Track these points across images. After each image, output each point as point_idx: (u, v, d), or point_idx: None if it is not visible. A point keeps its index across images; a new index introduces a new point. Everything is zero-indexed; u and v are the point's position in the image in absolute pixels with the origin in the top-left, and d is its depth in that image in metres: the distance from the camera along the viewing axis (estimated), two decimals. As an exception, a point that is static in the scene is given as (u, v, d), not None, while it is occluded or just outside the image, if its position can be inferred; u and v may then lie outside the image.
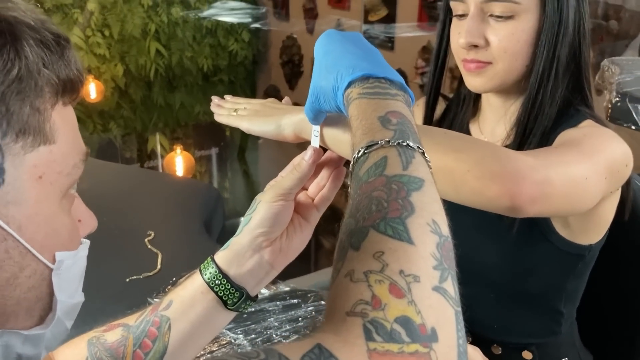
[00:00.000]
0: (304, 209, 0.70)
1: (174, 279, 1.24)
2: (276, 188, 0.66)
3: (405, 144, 0.47)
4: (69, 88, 0.49)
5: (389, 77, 0.54)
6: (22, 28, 0.45)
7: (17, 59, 0.44)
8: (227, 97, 0.87)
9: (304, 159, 0.66)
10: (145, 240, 1.44)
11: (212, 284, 0.65)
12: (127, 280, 1.31)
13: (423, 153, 0.48)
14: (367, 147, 0.48)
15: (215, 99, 0.86)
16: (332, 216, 0.75)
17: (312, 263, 3.14)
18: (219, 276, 0.65)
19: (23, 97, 0.45)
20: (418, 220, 0.42)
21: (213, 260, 0.67)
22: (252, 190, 4.61)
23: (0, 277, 0.46)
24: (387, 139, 0.48)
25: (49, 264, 0.49)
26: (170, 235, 1.50)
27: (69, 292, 0.52)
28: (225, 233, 1.80)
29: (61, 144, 0.48)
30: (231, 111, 0.83)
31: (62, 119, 0.49)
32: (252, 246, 0.66)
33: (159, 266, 1.35)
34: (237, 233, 0.68)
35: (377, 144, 0.48)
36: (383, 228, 0.41)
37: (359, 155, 0.48)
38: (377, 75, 0.54)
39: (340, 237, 0.44)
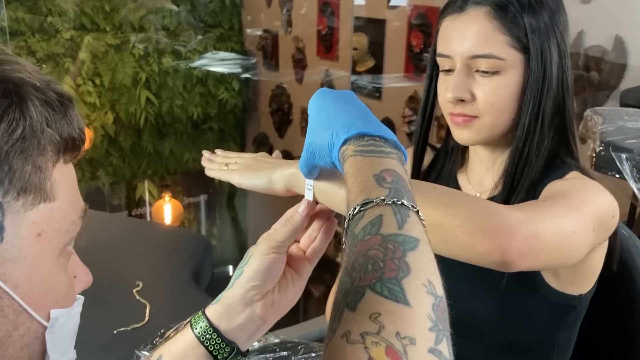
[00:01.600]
0: (296, 262, 0.70)
1: (162, 330, 1.22)
2: (269, 241, 0.66)
3: (400, 202, 0.48)
4: (71, 146, 0.50)
5: (383, 136, 0.56)
6: (28, 89, 0.47)
7: (22, 118, 0.45)
8: (218, 151, 0.88)
9: (298, 211, 0.67)
10: (134, 290, 1.43)
11: (203, 338, 0.65)
12: (115, 332, 1.28)
13: (417, 212, 0.49)
14: (363, 204, 0.48)
15: (206, 154, 0.87)
16: (322, 265, 0.75)
17: (300, 312, 3.10)
18: (210, 330, 0.65)
19: (26, 156, 0.45)
20: (414, 281, 0.42)
21: (204, 314, 0.67)
22: (241, 238, 4.58)
23: None
24: (383, 197, 0.48)
25: (44, 322, 0.49)
26: (158, 285, 1.48)
27: (62, 350, 0.52)
28: (214, 282, 1.78)
29: (61, 201, 0.49)
30: (222, 165, 0.84)
31: (63, 177, 0.49)
32: (243, 300, 0.66)
33: (147, 317, 1.33)
34: (228, 286, 0.68)
35: (373, 202, 0.48)
36: (379, 289, 0.41)
37: (355, 212, 0.49)
38: (371, 134, 0.56)
39: (336, 296, 0.44)
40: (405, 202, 0.48)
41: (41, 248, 0.47)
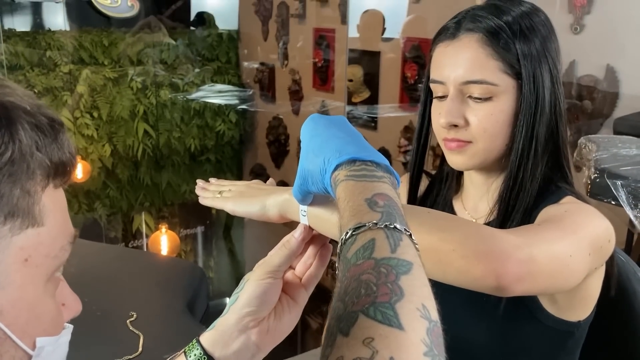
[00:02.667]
0: (292, 289, 0.70)
1: (155, 362, 1.20)
2: (264, 265, 0.66)
3: (392, 226, 0.48)
4: (61, 171, 0.49)
5: (375, 160, 0.56)
6: (18, 112, 0.46)
7: (10, 142, 0.45)
8: (212, 180, 0.88)
9: (294, 236, 0.67)
10: (127, 321, 1.41)
11: None
12: (108, 364, 1.27)
13: (410, 235, 0.49)
14: (355, 229, 0.48)
15: (200, 183, 0.87)
16: (319, 296, 0.75)
17: (298, 344, 3.06)
18: (204, 358, 0.64)
19: (14, 180, 0.45)
20: (408, 305, 0.42)
21: (198, 341, 0.66)
22: (238, 270, 4.55)
23: None
24: (375, 221, 0.48)
25: (29, 351, 0.47)
26: (152, 316, 1.47)
27: None
28: (210, 314, 1.76)
29: (50, 226, 0.48)
30: (216, 193, 0.83)
31: (52, 202, 0.49)
32: (238, 326, 0.65)
33: (140, 348, 1.31)
34: (223, 313, 0.67)
35: (365, 226, 0.48)
36: (372, 313, 0.41)
37: (347, 237, 0.49)
38: (363, 159, 0.56)
39: (328, 322, 0.44)
40: (397, 226, 0.48)
41: (28, 274, 0.46)
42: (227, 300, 0.67)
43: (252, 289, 0.65)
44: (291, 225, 0.71)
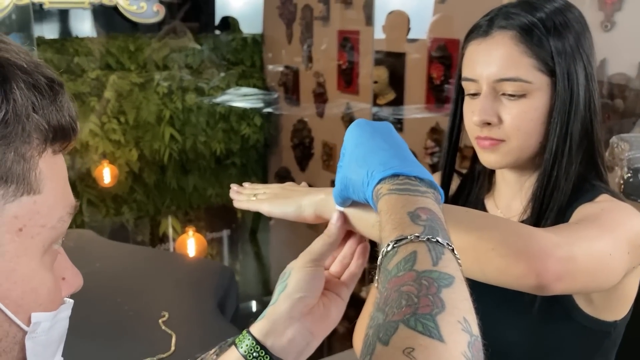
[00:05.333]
0: (333, 286, 0.69)
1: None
2: (306, 254, 0.66)
3: (435, 240, 0.47)
4: (60, 135, 0.46)
5: (419, 176, 0.55)
6: (14, 70, 0.43)
7: (4, 101, 0.41)
8: (246, 184, 0.88)
9: (332, 222, 0.67)
10: (159, 321, 1.43)
11: (250, 357, 0.61)
12: (141, 363, 1.28)
13: (453, 250, 0.48)
14: (397, 241, 0.48)
15: (234, 187, 0.88)
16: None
17: (325, 348, 3.06)
18: (257, 348, 0.61)
19: (8, 142, 0.42)
20: (449, 317, 0.42)
21: (249, 332, 0.63)
22: (264, 273, 4.57)
23: None
24: (417, 234, 0.48)
25: (24, 326, 0.44)
26: (184, 315, 1.48)
27: (45, 358, 0.48)
28: (238, 316, 1.78)
29: (47, 194, 0.45)
30: (250, 196, 0.84)
31: (50, 168, 0.46)
32: (291, 313, 0.63)
33: (173, 347, 1.33)
34: (272, 302, 0.65)
35: (407, 238, 0.48)
36: (413, 324, 0.40)
37: (388, 249, 0.48)
38: (407, 174, 0.55)
39: (366, 331, 0.43)
40: (440, 240, 0.48)
41: (22, 244, 0.43)
42: (254, 303, 0.67)
43: (299, 275, 0.64)
44: (318, 228, 0.71)
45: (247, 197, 0.84)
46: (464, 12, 2.82)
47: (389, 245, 0.48)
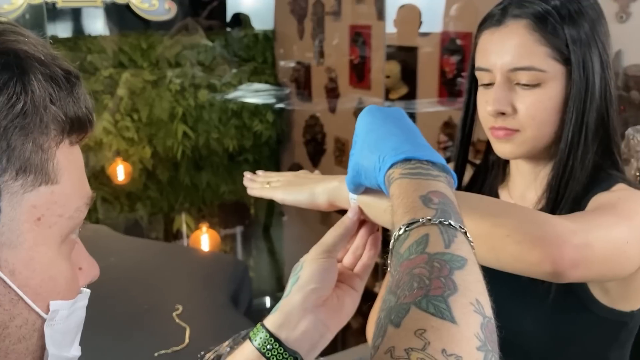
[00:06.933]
0: (347, 279, 0.69)
1: (202, 352, 1.22)
2: (319, 245, 0.66)
3: (447, 222, 0.47)
4: (77, 126, 0.47)
5: (431, 160, 0.55)
6: (32, 62, 0.44)
7: (23, 93, 0.42)
8: (259, 172, 0.89)
9: (348, 215, 0.67)
10: (173, 314, 1.44)
11: (264, 349, 0.61)
12: (156, 354, 1.29)
13: (465, 233, 0.48)
14: (409, 224, 0.48)
15: (247, 174, 0.88)
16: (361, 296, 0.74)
17: (339, 342, 3.06)
18: (271, 340, 0.61)
19: (26, 133, 0.43)
20: (461, 299, 0.41)
21: (263, 325, 0.63)
22: (278, 269, 4.58)
23: None
24: (429, 217, 0.48)
25: (42, 314, 0.45)
26: (198, 309, 1.50)
27: (63, 346, 0.48)
28: (252, 312, 1.78)
29: (64, 185, 0.46)
30: (264, 184, 0.84)
31: (67, 159, 0.47)
32: (304, 305, 0.63)
33: (187, 340, 1.34)
34: (285, 294, 0.65)
35: (419, 221, 0.48)
36: (425, 305, 0.41)
37: (400, 232, 0.48)
38: (419, 158, 0.55)
39: (378, 314, 0.43)
40: (452, 223, 0.47)
41: (41, 234, 0.44)
42: (268, 299, 0.67)
43: (312, 267, 0.64)
44: (331, 224, 0.71)
45: (260, 184, 0.84)
46: (476, 5, 2.80)
47: (400, 228, 0.48)
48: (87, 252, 0.52)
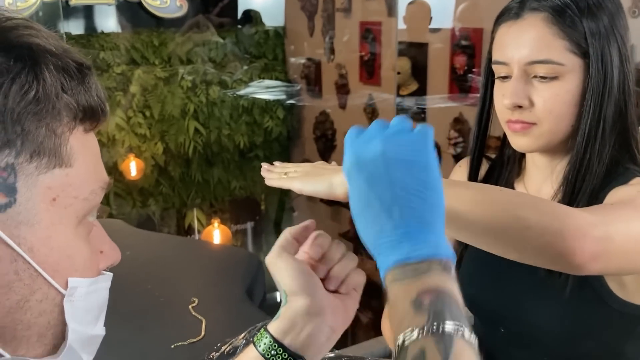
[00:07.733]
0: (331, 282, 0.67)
1: (218, 344, 1.23)
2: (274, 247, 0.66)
3: (441, 331, 0.47)
4: (89, 114, 0.50)
5: (424, 256, 0.52)
6: (44, 54, 0.46)
7: (35, 81, 0.45)
8: (276, 163, 0.89)
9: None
10: (189, 307, 1.45)
11: (268, 355, 0.61)
12: (172, 346, 1.31)
13: (463, 334, 0.47)
14: (403, 341, 0.47)
15: (265, 165, 0.88)
16: (369, 291, 0.74)
17: (349, 337, 3.06)
18: (275, 346, 0.61)
19: (39, 118, 0.45)
20: None
21: (267, 330, 0.63)
22: (288, 265, 4.58)
23: (10, 299, 0.45)
24: (422, 325, 0.47)
25: (61, 290, 0.48)
26: (213, 301, 1.51)
27: (85, 322, 0.50)
28: (267, 305, 1.80)
29: (79, 168, 0.48)
30: (281, 174, 0.85)
31: (81, 145, 0.49)
32: (309, 310, 0.62)
33: (203, 332, 1.35)
34: (283, 303, 0.64)
35: (413, 335, 0.47)
36: None
37: (398, 350, 0.48)
38: (414, 261, 0.52)
39: None
40: (447, 327, 0.47)
41: (57, 214, 0.47)
42: (278, 294, 0.66)
43: (288, 273, 0.63)
44: (340, 220, 0.71)
45: (278, 175, 0.85)
46: (486, 1, 2.79)
47: (398, 345, 0.48)
48: (108, 237, 0.55)
